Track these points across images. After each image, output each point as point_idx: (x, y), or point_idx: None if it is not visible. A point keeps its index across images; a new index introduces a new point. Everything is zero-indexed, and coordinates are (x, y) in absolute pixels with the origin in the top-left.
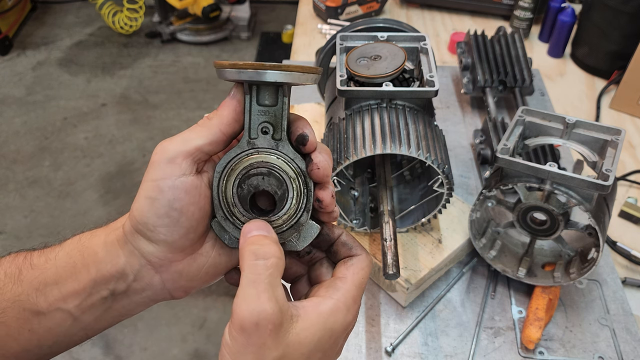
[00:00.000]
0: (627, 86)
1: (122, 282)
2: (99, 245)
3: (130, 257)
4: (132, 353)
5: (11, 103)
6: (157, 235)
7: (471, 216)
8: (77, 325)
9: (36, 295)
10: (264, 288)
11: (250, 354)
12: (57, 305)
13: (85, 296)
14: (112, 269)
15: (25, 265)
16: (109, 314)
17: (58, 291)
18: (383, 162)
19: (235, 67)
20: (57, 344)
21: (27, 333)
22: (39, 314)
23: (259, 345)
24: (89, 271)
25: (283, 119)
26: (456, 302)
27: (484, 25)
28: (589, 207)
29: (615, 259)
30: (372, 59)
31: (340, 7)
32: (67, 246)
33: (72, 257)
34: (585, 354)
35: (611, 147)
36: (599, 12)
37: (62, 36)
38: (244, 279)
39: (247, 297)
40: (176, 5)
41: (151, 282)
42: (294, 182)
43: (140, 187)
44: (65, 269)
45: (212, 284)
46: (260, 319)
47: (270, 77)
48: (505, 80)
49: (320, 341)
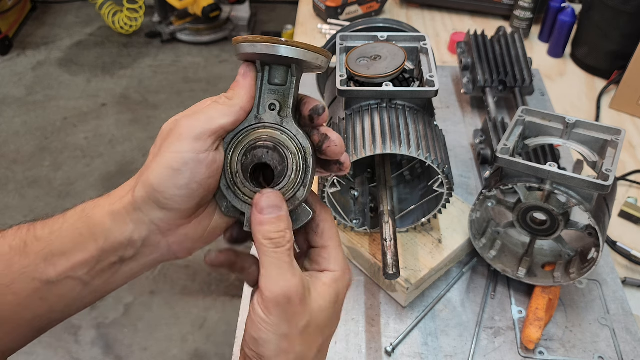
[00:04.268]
0: (627, 86)
1: (131, 249)
2: (105, 215)
3: (139, 224)
4: (132, 353)
5: (11, 103)
6: (172, 204)
7: (471, 216)
8: (87, 290)
9: (45, 266)
10: (287, 267)
11: (286, 323)
12: (66, 274)
13: (94, 264)
14: (121, 237)
15: (29, 238)
16: (118, 276)
17: (66, 261)
18: (383, 162)
19: (248, 41)
20: (69, 307)
21: (38, 301)
22: (49, 283)
23: (293, 315)
24: (96, 241)
25: (290, 97)
26: (456, 302)
27: (484, 25)
28: (589, 207)
29: (615, 259)
30: (372, 59)
31: (340, 7)
32: (70, 218)
33: (77, 229)
34: (585, 354)
35: (611, 147)
36: (599, 12)
37: (62, 36)
38: (266, 261)
39: (275, 277)
40: (176, 5)
41: (158, 246)
42: (295, 157)
43: (157, 157)
44: (71, 240)
45: (212, 286)
46: (291, 293)
47: (282, 51)
48: (505, 80)
49: (330, 305)
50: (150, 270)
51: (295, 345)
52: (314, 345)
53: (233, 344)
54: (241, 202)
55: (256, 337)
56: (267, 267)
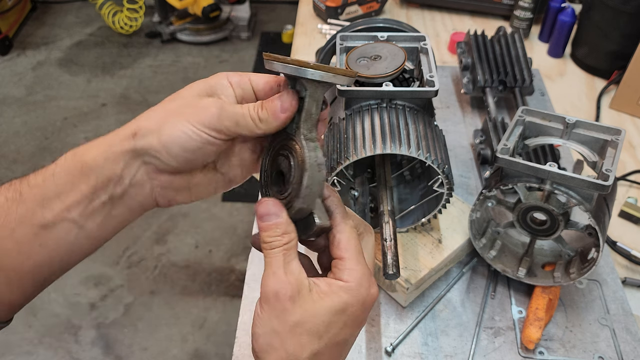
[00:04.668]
0: (627, 86)
1: (119, 186)
2: (98, 154)
3: (130, 163)
4: (132, 353)
5: (11, 103)
6: (170, 161)
7: (471, 216)
8: (82, 234)
9: (41, 210)
10: (278, 266)
11: (275, 319)
12: (62, 215)
13: (87, 203)
14: (110, 173)
15: (24, 187)
16: (108, 221)
17: (61, 203)
18: (383, 162)
19: (282, 62)
20: (68, 255)
21: (38, 248)
22: (46, 227)
23: (281, 310)
24: (88, 180)
25: (314, 116)
26: (456, 302)
27: (484, 25)
28: (589, 207)
29: (615, 259)
30: (372, 59)
31: (340, 7)
32: (62, 163)
33: (69, 172)
34: (585, 354)
35: (611, 147)
36: (599, 12)
37: (62, 36)
38: (265, 262)
39: (267, 277)
40: (176, 5)
41: (143, 187)
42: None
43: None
44: (65, 182)
45: (212, 286)
46: (278, 289)
47: (312, 75)
48: (505, 80)
49: (333, 313)
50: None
51: (286, 343)
52: (307, 348)
53: (233, 344)
54: None
55: (252, 332)
56: (265, 267)
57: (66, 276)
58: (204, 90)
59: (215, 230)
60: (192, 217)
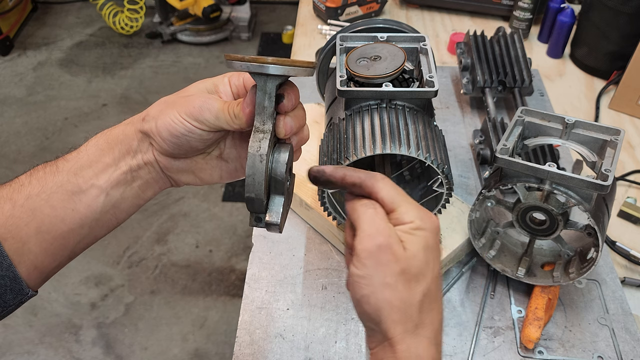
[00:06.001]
0: (626, 86)
1: (135, 159)
2: (120, 132)
3: (142, 141)
4: (132, 352)
5: (12, 103)
6: (162, 144)
7: (470, 216)
8: (108, 202)
9: (75, 178)
10: (378, 221)
11: (382, 272)
12: (91, 182)
13: (112, 172)
14: (128, 147)
15: (59, 162)
16: (129, 192)
17: (92, 171)
18: (383, 162)
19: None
20: (95, 223)
21: (71, 212)
22: (79, 193)
23: (387, 262)
24: (113, 151)
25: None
26: (456, 302)
27: (484, 25)
28: (588, 207)
29: (614, 258)
30: (372, 60)
31: (340, 8)
32: (94, 140)
33: (99, 146)
34: (584, 354)
35: (610, 147)
36: (598, 13)
37: (63, 36)
38: (362, 222)
39: (366, 232)
40: (177, 5)
41: (153, 166)
42: None
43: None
44: (94, 153)
45: (212, 286)
46: (380, 242)
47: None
48: (504, 81)
49: (423, 250)
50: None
51: (399, 293)
52: (417, 290)
53: (233, 344)
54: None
55: (358, 297)
56: (361, 225)
57: (67, 276)
58: (208, 87)
59: (215, 230)
60: (193, 217)
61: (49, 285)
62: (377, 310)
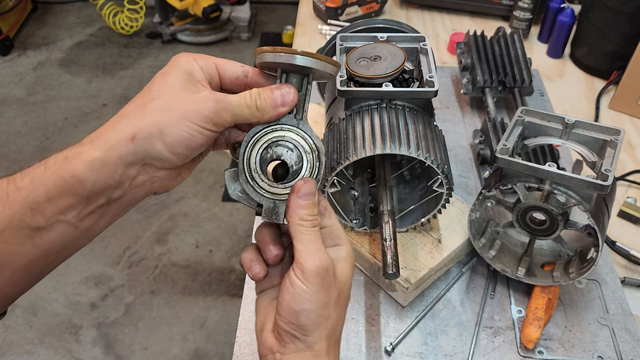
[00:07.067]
0: (626, 86)
1: (119, 190)
2: (94, 160)
3: (129, 166)
4: (132, 352)
5: (12, 103)
6: (174, 160)
7: (470, 216)
8: (78, 231)
9: (32, 214)
10: (320, 244)
11: (325, 292)
12: (55, 218)
13: (83, 207)
14: (110, 180)
15: (10, 189)
16: (105, 217)
17: (54, 206)
18: (383, 162)
19: (274, 52)
20: (64, 249)
21: (30, 247)
22: (39, 229)
23: (329, 285)
24: (83, 185)
25: (306, 103)
26: (456, 302)
27: (484, 25)
28: (588, 207)
29: (614, 258)
30: (372, 60)
31: (340, 8)
32: (52, 166)
33: (60, 175)
34: (584, 354)
35: (610, 147)
36: (598, 13)
37: (63, 36)
38: (304, 239)
39: (314, 252)
40: (177, 5)
41: (143, 185)
42: (309, 155)
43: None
44: (56, 186)
45: (212, 286)
46: (328, 265)
47: (299, 61)
48: (504, 81)
49: (349, 276)
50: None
51: (331, 312)
52: (342, 313)
53: (233, 344)
54: (259, 195)
55: (298, 309)
56: (305, 244)
57: (67, 276)
58: (186, 80)
59: (215, 230)
60: (193, 217)
61: (49, 285)
62: (314, 325)
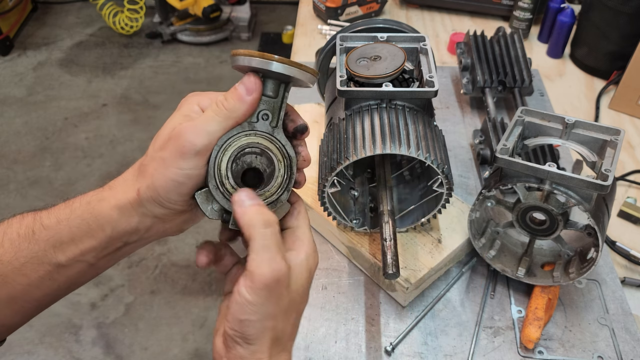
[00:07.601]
0: (626, 86)
1: (135, 235)
2: (112, 208)
3: (143, 217)
4: (132, 352)
5: (12, 103)
6: (175, 206)
7: (470, 216)
8: (93, 269)
9: (54, 251)
10: (276, 251)
11: (272, 305)
12: (76, 258)
13: (102, 249)
14: (127, 227)
15: (37, 226)
16: (120, 256)
17: (76, 247)
18: (383, 162)
19: (248, 55)
20: (75, 284)
21: (48, 282)
22: (59, 266)
23: (278, 296)
24: (104, 230)
25: (281, 110)
26: (456, 302)
27: (484, 25)
28: (588, 207)
29: (614, 258)
30: (372, 60)
31: (340, 8)
32: (77, 209)
33: (84, 219)
34: (584, 354)
35: (610, 147)
36: (598, 13)
37: (63, 36)
38: (257, 245)
39: (266, 260)
40: (177, 5)
41: (157, 231)
42: (281, 164)
43: (163, 168)
44: (79, 229)
45: (212, 286)
46: (280, 276)
47: (275, 67)
48: (504, 81)
49: (306, 282)
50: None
51: (278, 323)
52: (290, 320)
53: None
54: (228, 201)
55: (242, 319)
56: (257, 250)
57: None
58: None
59: (215, 230)
60: None
61: None
62: (257, 334)
